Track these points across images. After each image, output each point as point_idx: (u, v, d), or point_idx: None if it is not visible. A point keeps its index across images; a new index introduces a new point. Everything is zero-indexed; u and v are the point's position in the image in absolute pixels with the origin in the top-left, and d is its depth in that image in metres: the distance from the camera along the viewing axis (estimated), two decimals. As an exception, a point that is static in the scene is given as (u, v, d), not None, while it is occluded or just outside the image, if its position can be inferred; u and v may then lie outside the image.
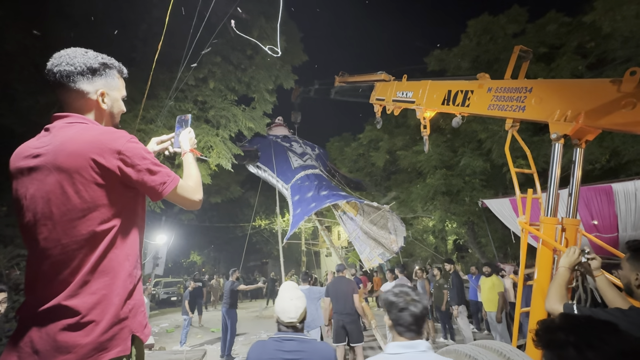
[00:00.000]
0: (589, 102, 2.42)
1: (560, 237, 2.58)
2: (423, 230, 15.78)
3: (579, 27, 8.60)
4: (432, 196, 10.81)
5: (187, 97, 7.29)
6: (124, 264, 1.04)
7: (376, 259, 10.12)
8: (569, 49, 8.65)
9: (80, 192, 0.96)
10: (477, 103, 3.35)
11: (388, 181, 14.71)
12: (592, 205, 5.94)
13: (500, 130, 8.74)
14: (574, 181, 2.62)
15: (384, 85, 5.21)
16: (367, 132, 13.64)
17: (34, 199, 0.98)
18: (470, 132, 10.27)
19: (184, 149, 1.35)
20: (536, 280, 2.55)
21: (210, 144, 7.14)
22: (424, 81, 4.20)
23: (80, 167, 0.96)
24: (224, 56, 7.44)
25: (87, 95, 1.10)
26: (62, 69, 1.05)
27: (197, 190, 1.19)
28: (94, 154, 0.97)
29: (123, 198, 1.05)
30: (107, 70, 1.15)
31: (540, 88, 2.80)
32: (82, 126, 1.05)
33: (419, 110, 4.31)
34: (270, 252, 25.15)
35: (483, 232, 11.56)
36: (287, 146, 10.26)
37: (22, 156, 1.03)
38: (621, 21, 7.18)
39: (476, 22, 10.14)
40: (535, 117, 2.81)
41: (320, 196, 8.43)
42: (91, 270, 0.98)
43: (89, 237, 0.98)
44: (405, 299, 1.36)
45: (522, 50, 3.26)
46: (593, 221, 6.06)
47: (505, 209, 7.33)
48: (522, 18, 9.80)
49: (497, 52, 9.72)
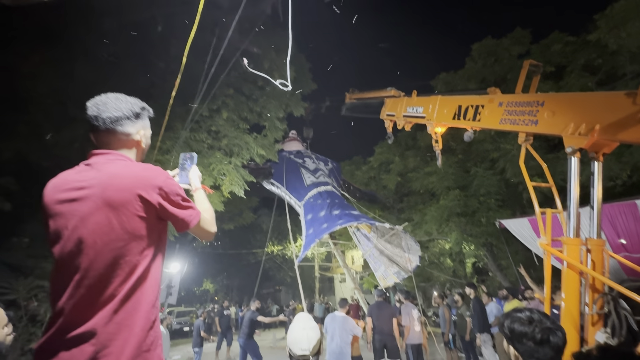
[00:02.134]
0: (603, 115, 2.39)
1: (586, 258, 2.46)
2: (440, 253, 15.27)
3: (584, 46, 8.65)
4: (447, 217, 10.57)
5: (201, 127, 7.57)
6: (148, 294, 1.08)
7: (391, 277, 9.84)
8: (576, 66, 8.66)
9: (123, 224, 1.04)
10: (489, 117, 3.35)
11: (401, 203, 14.52)
12: (618, 223, 5.68)
13: (512, 149, 8.64)
14: (595, 197, 2.53)
15: (394, 101, 5.26)
16: (377, 155, 13.69)
17: (76, 229, 1.04)
18: (482, 151, 10.17)
19: (195, 186, 1.45)
20: (564, 306, 2.41)
21: (224, 172, 7.30)
22: (434, 97, 4.25)
23: (126, 201, 1.05)
24: (237, 88, 7.78)
25: (130, 136, 1.22)
26: (111, 115, 1.17)
27: (213, 223, 1.31)
28: (140, 189, 1.07)
29: (155, 231, 1.13)
30: (144, 113, 1.28)
31: (553, 101, 2.79)
32: (123, 163, 1.16)
33: (430, 125, 4.33)
34: (283, 279, 24.69)
35: (503, 254, 11.10)
36: (300, 162, 10.30)
37: (63, 188, 1.09)
38: (627, 38, 7.21)
39: (480, 45, 10.36)
40: (549, 130, 2.78)
41: (332, 216, 8.38)
42: (122, 300, 1.02)
43: (125, 266, 1.04)
44: (541, 327, 1.12)
45: (532, 64, 3.28)
46: (620, 240, 5.77)
47: (524, 229, 7.08)
48: (525, 39, 9.97)
49: (503, 73, 9.82)
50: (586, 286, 2.40)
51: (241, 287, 26.80)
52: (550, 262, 2.75)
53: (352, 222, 8.18)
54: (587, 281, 2.39)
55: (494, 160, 9.74)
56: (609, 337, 2.28)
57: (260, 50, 7.44)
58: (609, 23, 7.45)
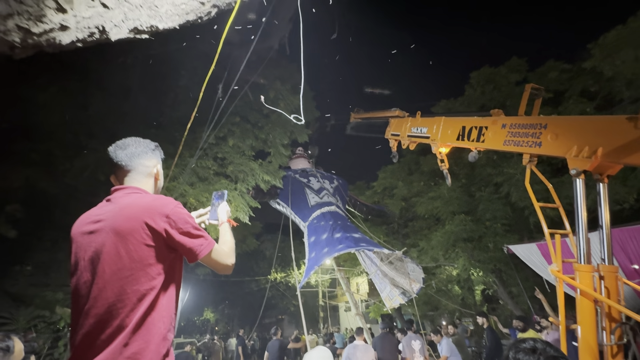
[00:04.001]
0: (605, 138, 2.43)
1: (599, 285, 2.41)
2: (447, 280, 14.84)
3: (580, 73, 8.92)
4: (453, 243, 10.40)
5: (208, 155, 7.73)
6: (159, 325, 1.07)
7: (397, 299, 9.64)
8: (574, 92, 8.87)
9: (130, 252, 1.07)
10: (492, 139, 3.39)
11: (405, 228, 14.35)
12: (629, 248, 5.55)
13: (516, 173, 8.65)
14: (603, 219, 2.52)
15: (399, 121, 5.31)
16: (380, 180, 13.73)
17: (91, 260, 1.08)
18: (486, 175, 10.19)
19: (221, 220, 1.51)
20: (581, 337, 2.33)
21: (229, 198, 7.36)
22: (438, 117, 4.30)
23: (133, 229, 1.09)
24: (243, 116, 8.02)
25: (147, 170, 1.32)
26: (132, 151, 1.29)
27: (230, 255, 1.32)
28: (146, 217, 1.10)
29: (166, 260, 1.15)
30: (157, 151, 1.40)
31: (555, 124, 2.84)
32: (138, 195, 1.23)
33: (434, 145, 4.37)
34: (286, 308, 23.93)
35: (513, 280, 10.78)
36: (304, 182, 10.27)
37: (85, 222, 1.17)
38: (621, 65, 7.44)
39: (478, 73, 10.71)
40: (552, 152, 2.81)
41: (333, 239, 8.29)
42: (132, 331, 1.01)
43: (133, 296, 1.05)
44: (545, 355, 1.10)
45: (534, 88, 3.38)
46: (633, 265, 5.61)
47: (533, 255, 6.92)
48: (522, 68, 10.30)
49: (502, 100, 10.06)
50: (602, 315, 2.33)
51: (243, 316, 25.95)
52: (563, 290, 2.69)
53: (351, 247, 8.07)
54: (602, 310, 2.33)
55: (497, 185, 9.73)
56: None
57: (266, 81, 7.75)
58: (602, 51, 7.72)
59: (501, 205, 9.66)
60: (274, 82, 7.99)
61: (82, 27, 1.55)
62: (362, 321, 9.95)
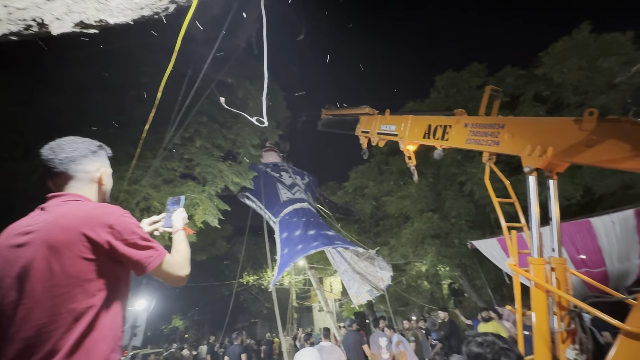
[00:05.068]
0: (555, 138, 2.62)
1: (551, 277, 2.59)
2: (417, 276, 15.36)
3: (533, 79, 9.61)
4: (422, 240, 10.78)
5: (173, 156, 7.40)
6: (100, 347, 0.97)
7: (364, 296, 9.87)
8: (528, 97, 9.54)
9: (65, 267, 0.95)
10: (456, 137, 3.54)
11: (377, 227, 14.66)
12: (577, 241, 6.06)
13: (477, 172, 9.13)
14: (553, 214, 2.70)
15: (369, 118, 5.38)
16: (352, 180, 13.92)
17: (18, 277, 0.95)
18: (451, 175, 10.67)
19: (176, 227, 1.40)
20: (535, 325, 2.49)
21: (197, 201, 7.09)
22: (406, 116, 4.41)
23: (69, 242, 0.97)
24: (210, 116, 7.76)
25: (88, 176, 1.18)
26: (67, 155, 1.14)
27: (183, 266, 1.21)
28: (86, 228, 0.99)
29: (108, 275, 1.03)
30: (101, 152, 1.25)
31: (512, 125, 3.01)
32: (77, 203, 1.09)
33: (402, 142, 4.49)
34: (259, 311, 23.55)
35: (476, 274, 11.38)
36: (276, 177, 10.12)
37: (13, 234, 1.02)
38: (568, 73, 8.12)
39: (442, 77, 11.22)
40: (509, 151, 2.98)
41: (307, 236, 8.26)
42: (66, 355, 0.90)
43: (69, 316, 0.93)
44: (494, 348, 1.19)
45: (493, 89, 3.57)
46: (580, 256, 6.13)
47: (494, 249, 7.35)
48: (482, 73, 10.92)
49: (464, 102, 10.58)
50: (553, 304, 2.50)
51: (214, 322, 25.17)
52: (519, 281, 2.86)
53: (327, 245, 8.11)
54: (554, 299, 2.50)
55: (462, 183, 10.22)
56: (579, 353, 2.36)
57: (234, 80, 7.56)
58: (552, 60, 8.37)
59: (465, 202, 10.16)
60: (243, 82, 7.82)
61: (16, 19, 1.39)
62: (333, 319, 10.04)
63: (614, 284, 5.92)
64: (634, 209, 5.43)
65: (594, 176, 7.94)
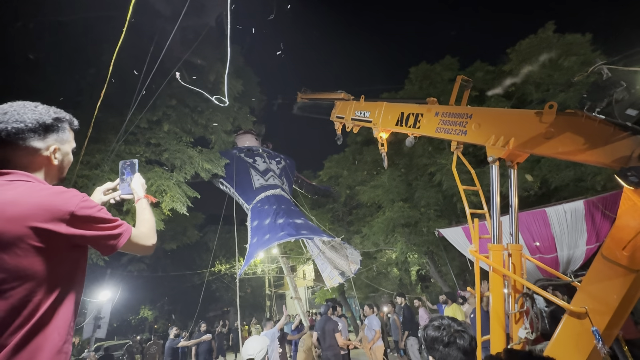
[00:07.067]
0: (517, 129, 2.74)
1: (508, 262, 2.75)
2: (387, 264, 15.91)
3: (500, 75, 10.02)
4: (392, 228, 11.11)
5: (139, 140, 7.02)
6: (53, 337, 0.90)
7: (337, 278, 10.25)
8: (495, 93, 9.94)
9: (15, 262, 0.85)
10: (427, 125, 3.62)
11: (350, 216, 14.91)
12: (532, 229, 6.51)
13: (447, 163, 9.48)
14: (512, 202, 2.86)
15: (344, 104, 5.37)
16: (326, 169, 13.99)
17: None
18: (422, 165, 10.99)
19: (138, 195, 1.32)
20: (492, 307, 2.65)
21: (164, 188, 6.80)
22: (380, 102, 4.44)
23: (19, 235, 0.86)
24: (180, 99, 7.40)
25: (38, 152, 1.02)
26: (10, 127, 0.96)
27: (150, 236, 1.16)
28: (39, 220, 0.88)
29: (64, 263, 0.95)
30: (60, 125, 1.08)
31: (479, 115, 3.11)
32: (26, 186, 0.95)
33: (376, 129, 4.53)
34: (232, 300, 23.40)
35: (442, 260, 11.95)
36: (250, 162, 9.96)
37: None
38: (532, 70, 8.52)
39: (417, 69, 11.40)
40: (475, 140, 3.10)
41: (276, 225, 8.26)
42: (14, 350, 0.83)
43: (20, 310, 0.85)
44: (449, 331, 1.25)
45: (464, 79, 3.67)
46: (535, 243, 6.60)
47: (459, 237, 7.74)
48: (454, 66, 11.22)
49: (437, 95, 10.84)
50: (509, 287, 2.68)
51: (185, 311, 24.72)
52: (479, 267, 3.04)
53: (293, 236, 8.11)
54: (509, 283, 2.67)
55: (432, 174, 10.58)
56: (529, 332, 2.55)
57: (206, 62, 7.22)
58: (518, 57, 8.74)
59: (434, 193, 10.55)
60: (215, 64, 7.49)
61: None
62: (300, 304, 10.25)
63: (563, 269, 6.46)
64: (584, 200, 5.90)
65: (551, 169, 8.51)
